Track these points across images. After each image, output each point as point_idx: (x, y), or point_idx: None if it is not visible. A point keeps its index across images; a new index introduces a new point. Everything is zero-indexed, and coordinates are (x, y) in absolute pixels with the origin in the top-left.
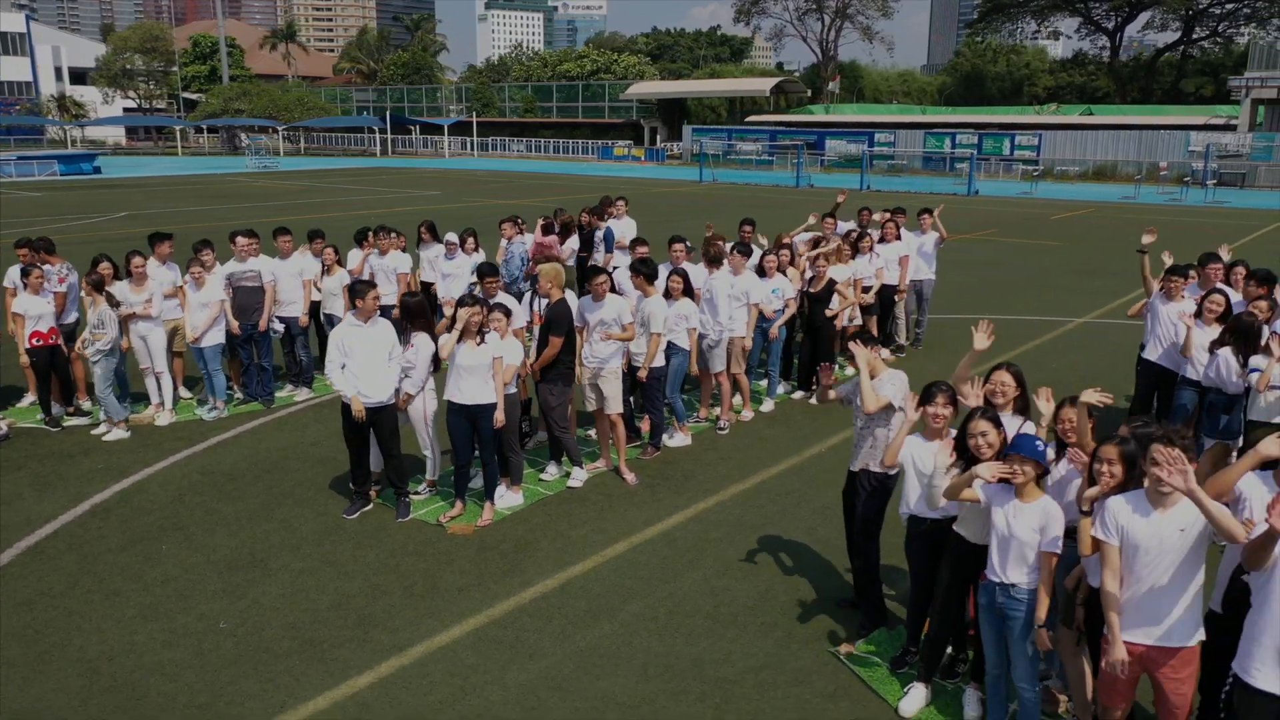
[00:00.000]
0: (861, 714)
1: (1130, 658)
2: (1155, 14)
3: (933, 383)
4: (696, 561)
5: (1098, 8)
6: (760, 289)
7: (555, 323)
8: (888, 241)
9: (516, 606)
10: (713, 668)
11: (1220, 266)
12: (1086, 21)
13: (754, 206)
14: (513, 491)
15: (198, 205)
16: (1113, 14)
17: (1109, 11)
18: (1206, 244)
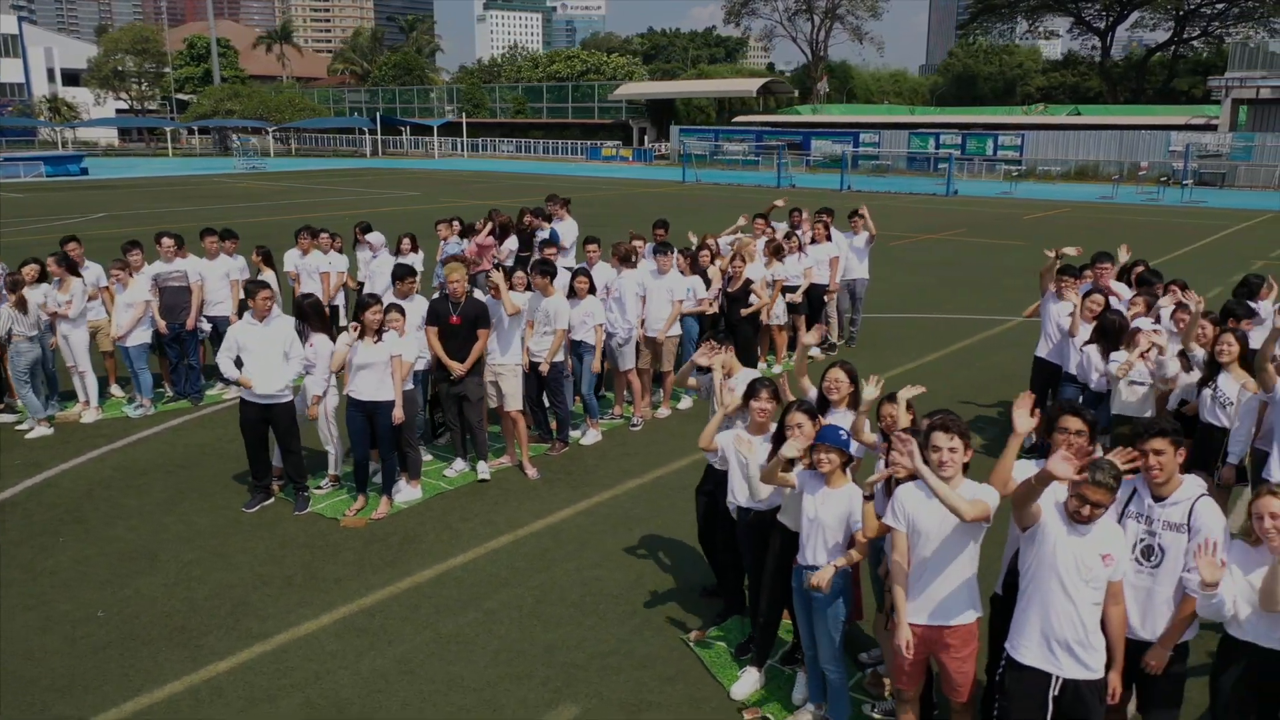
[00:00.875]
0: (695, 695)
1: (914, 638)
2: (1144, 14)
3: (757, 379)
4: (576, 553)
5: (1089, 8)
6: (684, 287)
7: (482, 317)
8: (817, 242)
9: (389, 596)
10: (563, 653)
11: (1109, 266)
12: (1078, 22)
13: (734, 206)
14: (411, 486)
15: (178, 206)
16: (1104, 14)
17: (1100, 12)
18: (1176, 243)
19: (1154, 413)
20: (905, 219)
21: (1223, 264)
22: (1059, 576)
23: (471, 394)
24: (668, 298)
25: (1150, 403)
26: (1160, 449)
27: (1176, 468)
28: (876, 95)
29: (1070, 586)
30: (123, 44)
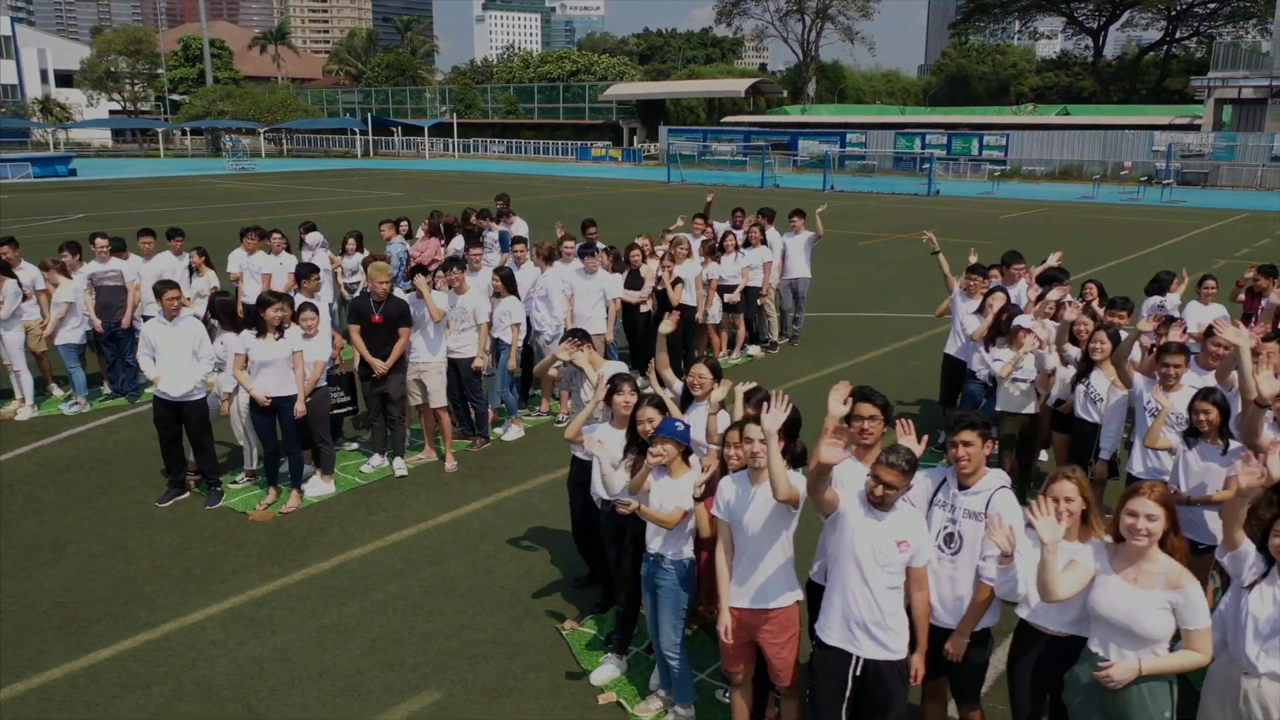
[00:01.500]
0: (557, 682)
1: (736, 622)
2: (1134, 14)
3: (617, 374)
4: (473, 546)
5: (1081, 8)
6: (616, 285)
7: (404, 316)
8: (753, 245)
9: (281, 588)
10: (439, 641)
11: (1023, 267)
12: (1070, 22)
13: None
14: (325, 481)
15: (160, 206)
16: (1096, 14)
17: (1093, 12)
18: (1144, 242)
19: (1036, 408)
20: (881, 219)
21: (1184, 263)
22: (856, 561)
23: (393, 392)
24: (597, 297)
25: (1033, 398)
26: (969, 440)
27: (983, 459)
28: (869, 95)
29: (867, 571)
30: (115, 45)
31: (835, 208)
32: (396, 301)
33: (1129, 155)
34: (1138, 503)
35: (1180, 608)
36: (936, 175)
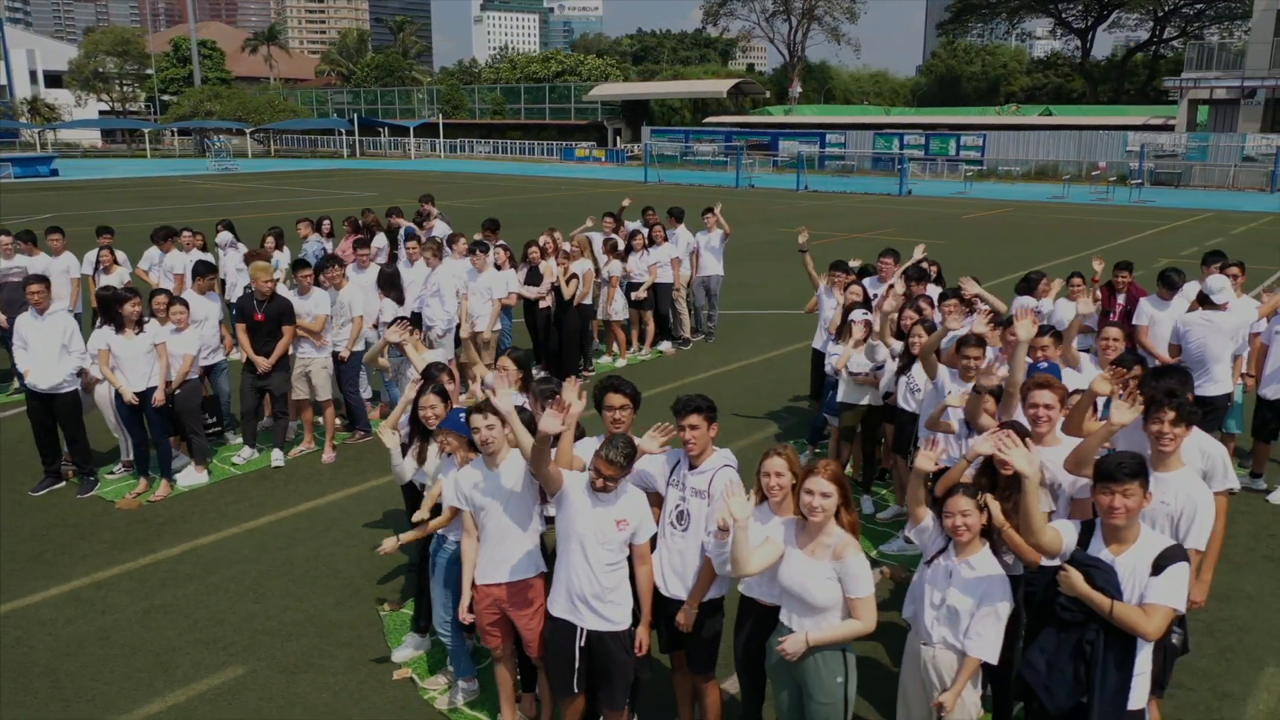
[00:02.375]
0: (359, 659)
1: (487, 599)
2: (1121, 14)
3: (434, 363)
4: (323, 532)
5: (1069, 8)
6: (502, 283)
7: (286, 314)
8: (657, 244)
9: (125, 571)
10: (259, 621)
11: (890, 261)
12: (1059, 22)
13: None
14: (198, 471)
15: (131, 206)
16: (1084, 15)
17: (1081, 13)
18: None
19: (872, 400)
20: (846, 219)
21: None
22: (578, 539)
23: (275, 388)
24: (486, 295)
25: (869, 390)
26: (695, 424)
27: (709, 440)
28: (857, 96)
29: (588, 548)
30: (103, 46)
31: (804, 208)
32: (279, 300)
33: (1103, 156)
34: (813, 481)
35: (844, 576)
36: (914, 176)
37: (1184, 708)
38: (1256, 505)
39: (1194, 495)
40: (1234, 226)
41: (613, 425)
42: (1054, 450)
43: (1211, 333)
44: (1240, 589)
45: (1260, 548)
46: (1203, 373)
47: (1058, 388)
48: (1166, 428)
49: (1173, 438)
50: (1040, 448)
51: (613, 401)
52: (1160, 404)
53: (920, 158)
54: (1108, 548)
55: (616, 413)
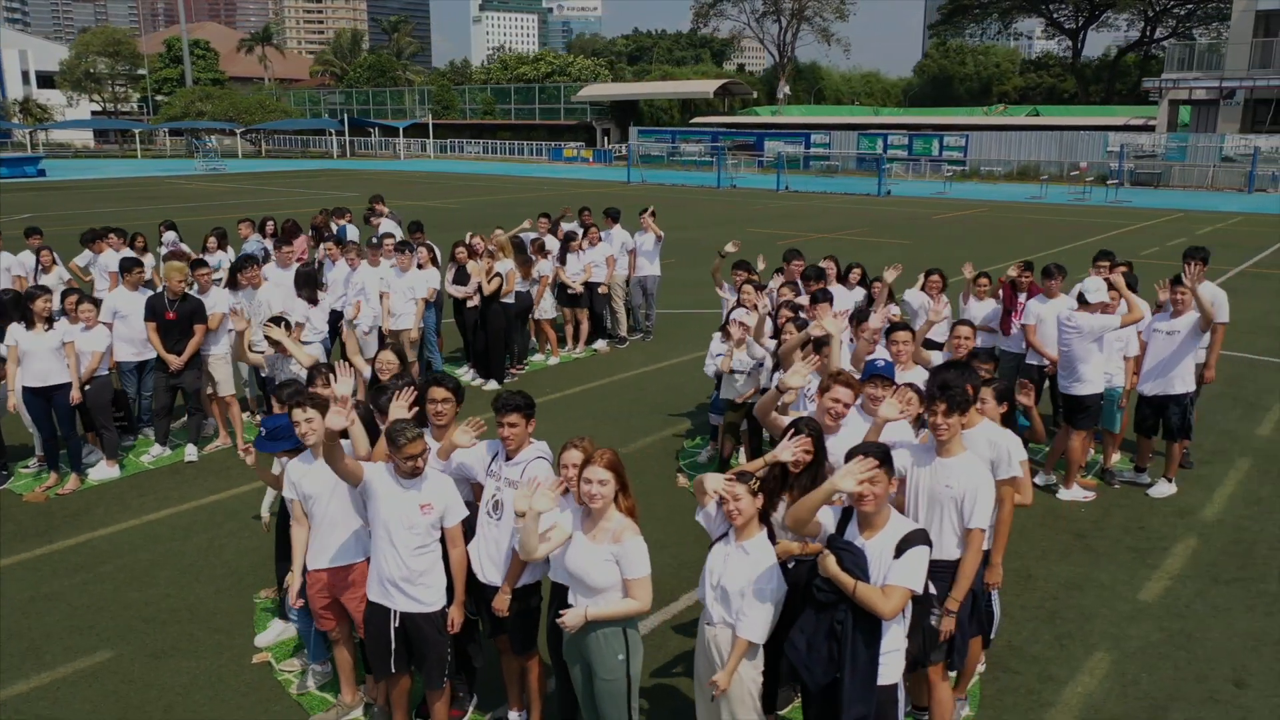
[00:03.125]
0: (226, 644)
1: (317, 583)
2: (1111, 15)
3: (316, 364)
4: (221, 524)
5: (1060, 9)
6: (423, 283)
7: (198, 313)
8: (592, 244)
9: (18, 561)
10: (138, 609)
11: (801, 263)
12: (1050, 23)
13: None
14: (109, 465)
15: (112, 207)
16: (1075, 15)
17: (1072, 13)
18: (1058, 241)
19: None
20: (814, 219)
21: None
22: (385, 525)
23: (188, 385)
24: (408, 295)
25: (752, 388)
26: (514, 422)
27: (526, 435)
28: (847, 97)
29: (394, 534)
30: (94, 46)
31: (779, 208)
32: (191, 300)
33: (1085, 156)
34: (590, 470)
35: (621, 558)
36: (897, 176)
37: (1005, 690)
38: (1135, 498)
39: (974, 479)
40: (1201, 227)
41: (435, 418)
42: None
43: (1074, 334)
44: (1095, 578)
45: (1127, 539)
46: (1070, 372)
47: (857, 387)
48: (940, 419)
49: (947, 427)
50: (832, 438)
51: (435, 395)
52: (934, 397)
53: (903, 158)
54: (861, 534)
55: (439, 405)
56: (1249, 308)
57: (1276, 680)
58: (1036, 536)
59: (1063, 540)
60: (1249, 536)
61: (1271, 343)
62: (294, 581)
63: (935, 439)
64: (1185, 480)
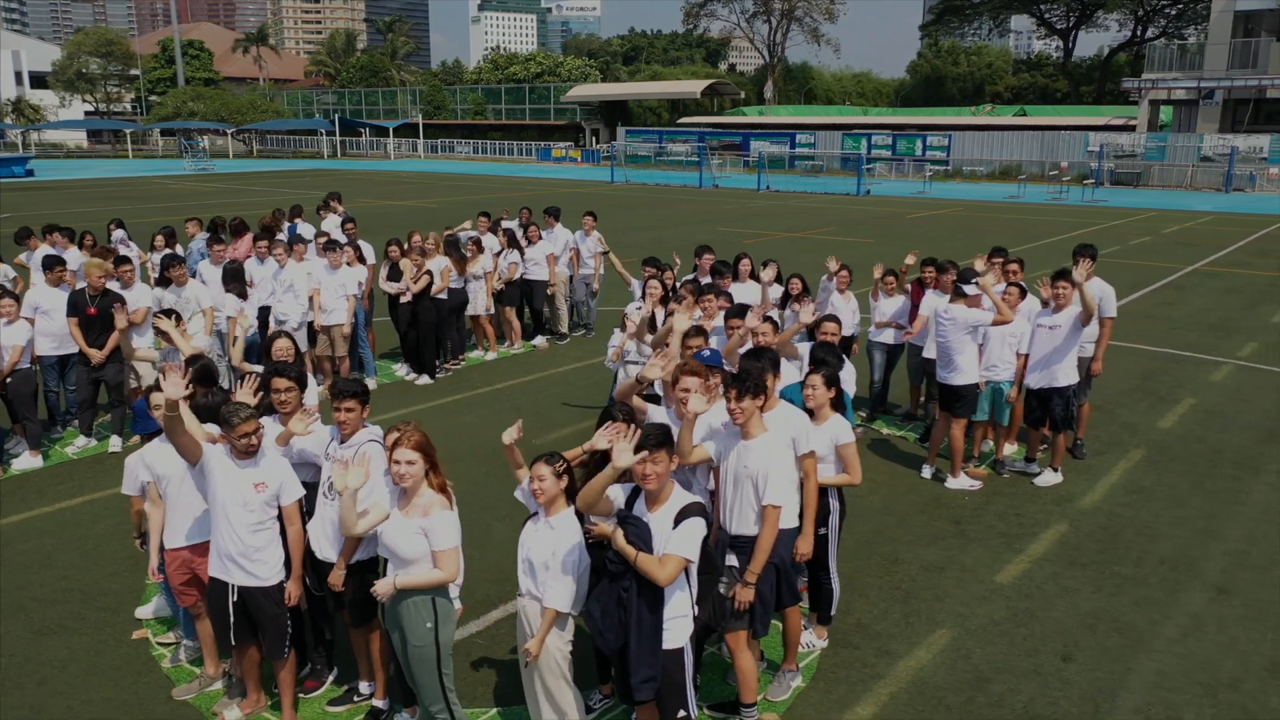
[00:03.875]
0: (110, 621)
1: (176, 560)
2: (1102, 15)
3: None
4: (102, 517)
5: (1051, 9)
6: (354, 281)
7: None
8: (533, 243)
9: None
10: (35, 590)
11: (711, 258)
12: (1040, 23)
13: (635, 206)
14: (32, 455)
15: (90, 207)
16: (1066, 15)
17: (1065, 13)
18: (1020, 240)
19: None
20: (786, 219)
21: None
22: (221, 503)
23: (110, 378)
24: (340, 291)
25: None
26: (351, 407)
27: (360, 420)
28: (839, 97)
29: (230, 511)
30: (86, 46)
31: (757, 207)
32: (112, 295)
33: (1066, 156)
34: (398, 451)
35: (429, 532)
36: (881, 176)
37: (842, 664)
38: (1021, 487)
39: (768, 460)
40: (1168, 226)
41: (280, 406)
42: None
43: (950, 325)
44: (959, 561)
45: (1000, 525)
46: (946, 363)
47: (704, 374)
48: (733, 404)
49: (740, 411)
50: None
51: (278, 385)
52: (728, 384)
53: (887, 158)
54: (648, 509)
55: (282, 395)
56: (1188, 304)
57: (1102, 655)
58: (915, 523)
59: (938, 527)
60: (1118, 523)
61: (1198, 339)
62: (152, 559)
63: (734, 423)
64: (1074, 470)
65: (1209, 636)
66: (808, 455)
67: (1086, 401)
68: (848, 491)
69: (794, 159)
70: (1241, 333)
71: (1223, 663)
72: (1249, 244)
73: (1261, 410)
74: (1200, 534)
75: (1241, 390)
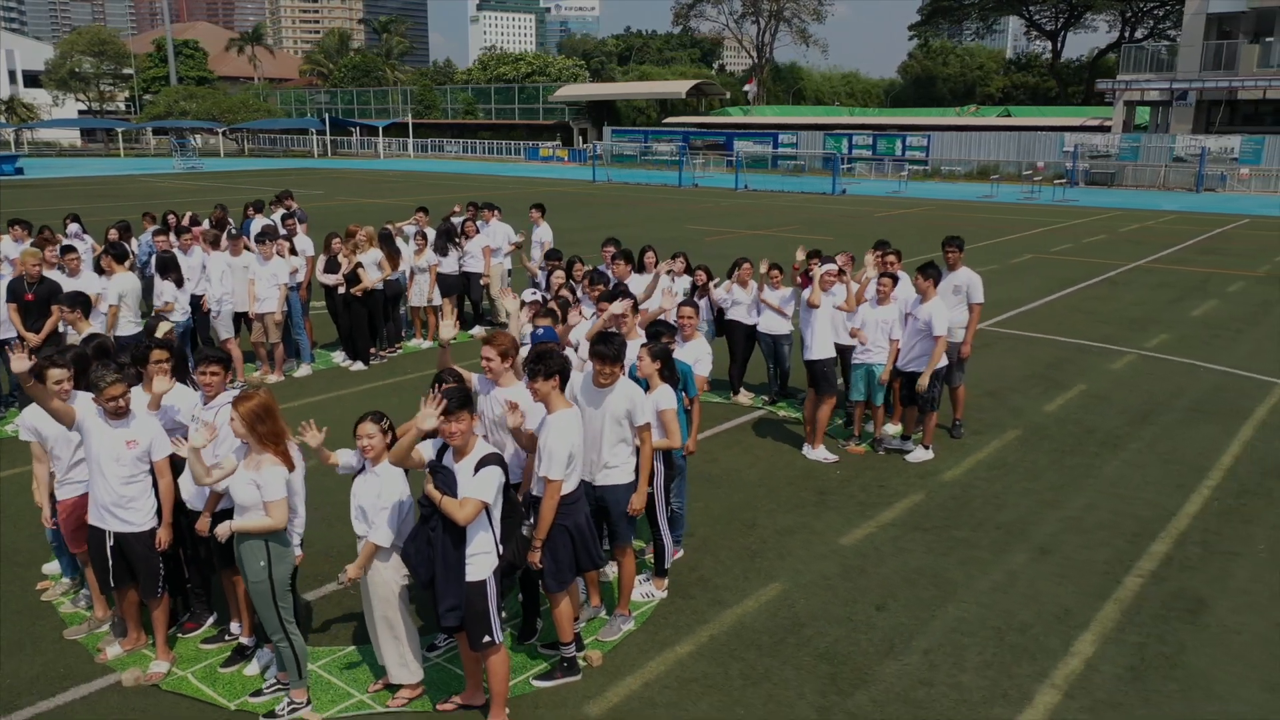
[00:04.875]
0: (20, 575)
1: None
2: (1089, 16)
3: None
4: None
5: (1040, 10)
6: (285, 270)
7: (55, 295)
8: (469, 237)
9: None
10: None
11: (613, 249)
12: (1029, 24)
13: (612, 205)
14: None
15: (71, 205)
16: (1054, 16)
17: (1055, 14)
18: (978, 237)
19: None
20: (753, 217)
21: (993, 255)
22: (96, 458)
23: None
24: (272, 281)
25: None
26: (215, 370)
27: (223, 384)
28: (828, 97)
29: (104, 465)
30: (79, 46)
31: (730, 206)
32: (49, 283)
33: (1042, 156)
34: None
35: (260, 483)
36: (860, 175)
37: (674, 611)
38: (892, 463)
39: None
40: (1128, 224)
41: (206, 388)
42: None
43: (801, 309)
44: (811, 525)
45: (861, 495)
46: (807, 343)
47: (501, 344)
48: (530, 383)
49: (537, 389)
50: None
51: (156, 357)
52: (527, 367)
53: (867, 158)
54: (455, 460)
55: (153, 365)
56: (1117, 299)
57: (914, 605)
58: (782, 494)
59: (803, 497)
60: (970, 494)
61: (1113, 331)
62: (44, 509)
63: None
64: (948, 448)
65: (1017, 590)
66: (643, 426)
67: (961, 384)
68: (727, 466)
69: (776, 159)
70: (1158, 325)
71: (1020, 612)
72: (1199, 242)
73: (1145, 395)
74: (1043, 504)
75: (1135, 378)
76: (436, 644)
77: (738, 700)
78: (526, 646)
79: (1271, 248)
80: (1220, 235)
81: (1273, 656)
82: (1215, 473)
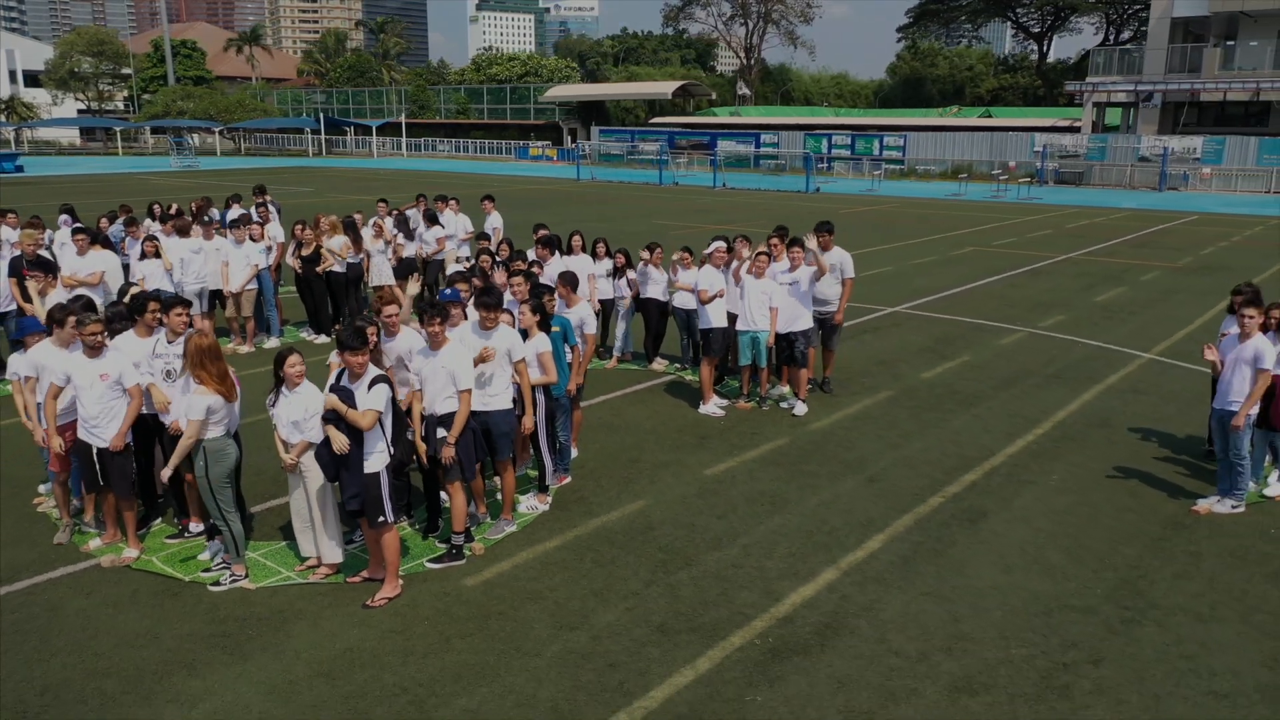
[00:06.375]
0: (20, 495)
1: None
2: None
3: (74, 296)
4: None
5: (1026, 13)
6: (257, 252)
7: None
8: (428, 227)
9: None
10: None
11: (545, 233)
12: (1016, 26)
13: (591, 202)
14: None
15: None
16: (1042, 19)
17: (1041, 16)
18: (922, 232)
19: None
20: (720, 214)
21: (931, 249)
22: (79, 386)
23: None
24: (245, 263)
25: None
26: (180, 313)
27: (185, 325)
28: (817, 98)
29: (83, 393)
30: (78, 46)
31: (703, 203)
32: (44, 260)
33: (1014, 156)
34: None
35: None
36: (838, 174)
37: (548, 519)
38: (775, 415)
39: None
40: (1077, 221)
41: (177, 327)
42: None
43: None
44: (682, 461)
45: (734, 439)
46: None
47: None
48: (429, 327)
49: (432, 333)
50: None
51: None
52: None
53: (846, 158)
54: (352, 383)
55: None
56: (1033, 287)
57: (749, 516)
58: (669, 438)
59: (686, 440)
60: (829, 439)
61: (1016, 314)
62: (36, 433)
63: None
64: (825, 404)
65: (838, 506)
66: (520, 361)
67: (835, 349)
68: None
69: (758, 158)
70: (1059, 308)
71: (832, 520)
72: (1138, 237)
73: (1019, 365)
74: (888, 446)
75: (1017, 352)
76: (354, 539)
77: (584, 575)
78: (428, 543)
79: (1203, 242)
80: (1162, 231)
81: (1023, 553)
82: (1046, 424)
